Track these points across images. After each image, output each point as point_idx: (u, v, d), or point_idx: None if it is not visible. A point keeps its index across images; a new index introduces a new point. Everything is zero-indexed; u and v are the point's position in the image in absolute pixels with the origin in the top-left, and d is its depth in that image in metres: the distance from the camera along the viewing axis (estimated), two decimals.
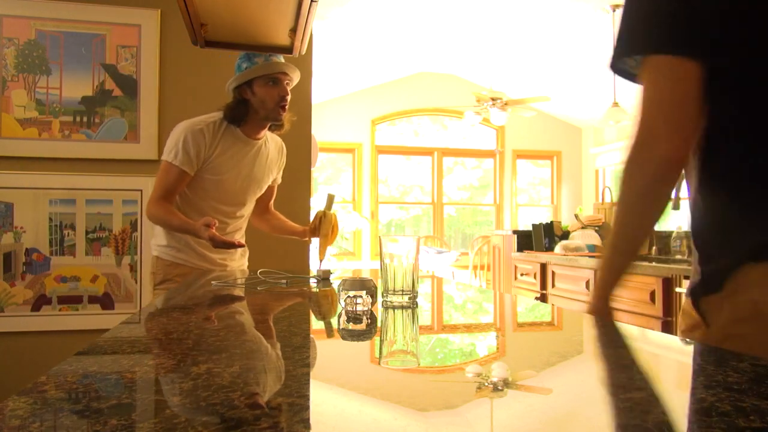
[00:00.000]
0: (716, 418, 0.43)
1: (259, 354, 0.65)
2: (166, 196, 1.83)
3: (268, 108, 1.85)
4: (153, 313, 1.04)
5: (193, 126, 1.83)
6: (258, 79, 1.83)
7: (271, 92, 1.83)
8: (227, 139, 1.88)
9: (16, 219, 2.50)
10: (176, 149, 1.81)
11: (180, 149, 1.80)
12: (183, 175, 1.82)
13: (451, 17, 5.46)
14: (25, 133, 2.50)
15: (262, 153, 1.97)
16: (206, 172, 1.86)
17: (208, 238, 1.71)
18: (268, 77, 1.83)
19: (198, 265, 1.93)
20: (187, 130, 1.82)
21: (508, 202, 7.88)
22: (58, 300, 2.52)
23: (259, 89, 1.84)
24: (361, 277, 1.01)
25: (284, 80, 1.86)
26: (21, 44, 2.51)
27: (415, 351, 0.77)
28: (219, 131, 1.86)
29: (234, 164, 1.90)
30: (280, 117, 1.88)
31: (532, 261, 3.99)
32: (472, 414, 0.48)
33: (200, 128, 1.83)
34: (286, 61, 1.89)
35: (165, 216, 1.81)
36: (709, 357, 0.68)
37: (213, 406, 0.46)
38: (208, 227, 1.70)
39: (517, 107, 6.01)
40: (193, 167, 1.83)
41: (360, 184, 7.40)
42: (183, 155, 1.80)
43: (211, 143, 1.84)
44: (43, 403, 0.47)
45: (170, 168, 1.82)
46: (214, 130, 1.85)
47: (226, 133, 1.88)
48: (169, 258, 1.93)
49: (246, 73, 1.83)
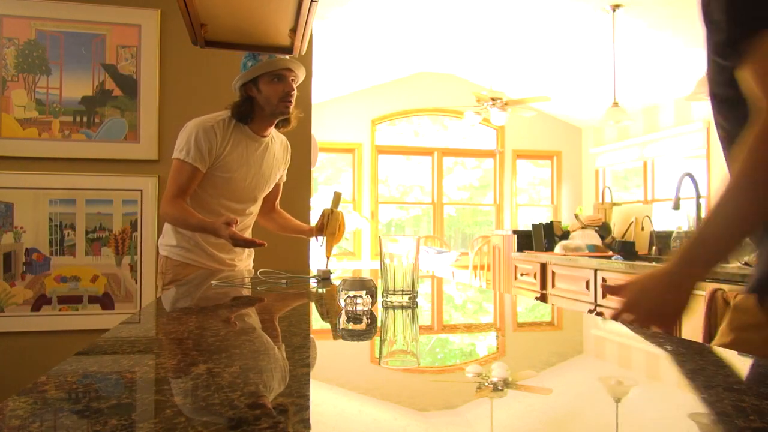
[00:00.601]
0: (716, 418, 0.43)
1: (259, 354, 0.66)
2: (180, 195, 1.83)
3: (273, 104, 1.86)
4: (153, 313, 1.04)
5: (204, 123, 1.85)
6: (263, 76, 1.84)
7: (275, 89, 1.85)
8: (237, 137, 1.89)
9: (16, 219, 2.50)
10: (188, 146, 1.81)
11: (192, 146, 1.81)
12: (196, 172, 1.83)
13: (451, 17, 5.46)
14: (25, 133, 2.50)
15: (269, 150, 1.99)
16: (217, 169, 1.87)
17: (228, 237, 1.71)
18: (272, 74, 1.84)
19: (207, 265, 1.94)
20: (198, 128, 1.83)
21: (508, 202, 7.88)
22: (58, 300, 2.52)
23: (264, 86, 1.85)
24: (361, 277, 1.01)
25: (289, 76, 1.87)
26: (21, 44, 2.51)
27: (415, 351, 0.77)
28: (229, 128, 1.88)
29: (244, 161, 1.91)
30: (287, 111, 1.89)
31: (532, 261, 3.99)
32: (472, 414, 0.48)
33: (211, 125, 1.84)
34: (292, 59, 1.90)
35: (182, 215, 1.82)
36: (709, 357, 0.68)
37: (213, 406, 0.46)
38: (228, 225, 1.71)
39: (517, 107, 6.01)
40: (205, 164, 1.84)
41: (360, 184, 7.40)
42: (195, 152, 1.81)
43: (222, 140, 1.85)
44: (43, 403, 0.47)
45: (183, 166, 1.82)
46: (224, 127, 1.87)
47: (236, 131, 1.89)
48: (178, 258, 1.94)
49: (251, 71, 1.84)
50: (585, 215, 4.17)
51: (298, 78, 1.91)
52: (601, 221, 4.00)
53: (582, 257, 3.42)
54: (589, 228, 3.98)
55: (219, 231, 1.73)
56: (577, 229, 4.04)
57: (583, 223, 4.04)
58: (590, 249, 3.67)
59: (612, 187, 6.25)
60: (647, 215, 3.68)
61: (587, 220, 4.04)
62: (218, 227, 1.73)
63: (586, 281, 3.23)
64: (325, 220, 1.90)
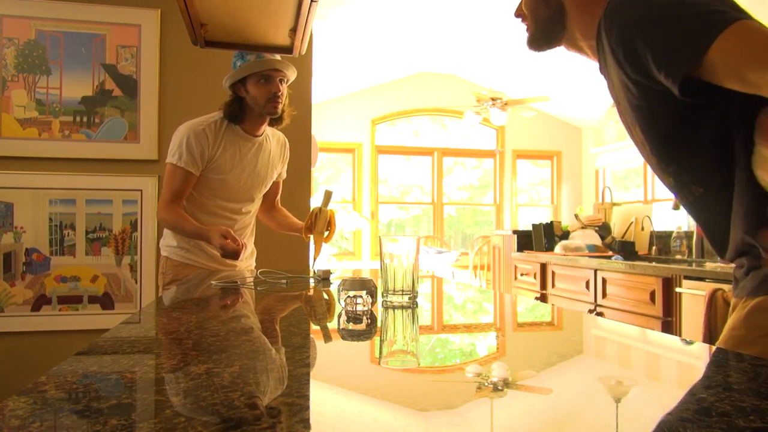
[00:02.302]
0: (716, 418, 0.43)
1: (259, 354, 0.66)
2: (174, 199, 1.85)
3: (261, 105, 1.87)
4: (153, 313, 1.04)
5: (195, 127, 1.85)
6: (251, 77, 1.85)
7: (262, 89, 1.85)
8: (229, 138, 1.90)
9: (16, 219, 2.50)
10: (180, 151, 1.83)
11: (184, 151, 1.82)
12: (189, 176, 1.84)
13: (451, 17, 5.46)
14: (25, 133, 2.50)
15: (264, 149, 1.99)
16: (211, 171, 1.88)
17: (219, 246, 1.73)
18: (259, 75, 1.84)
19: (207, 266, 1.95)
20: (189, 131, 1.84)
21: (508, 202, 7.88)
22: (58, 300, 2.52)
23: (252, 87, 1.86)
24: (361, 277, 1.01)
25: (276, 77, 1.86)
26: (21, 44, 2.51)
27: (415, 351, 0.77)
28: (220, 130, 1.88)
29: (237, 162, 1.91)
30: (275, 112, 1.90)
31: (532, 261, 3.99)
32: (472, 414, 0.48)
33: (202, 128, 1.85)
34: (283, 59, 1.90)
35: (177, 221, 1.84)
36: (709, 357, 0.68)
37: (213, 406, 0.46)
38: (222, 236, 1.72)
39: (517, 107, 6.01)
40: (198, 167, 1.85)
41: (360, 184, 7.40)
42: (187, 156, 1.82)
43: (214, 142, 1.86)
44: (43, 403, 0.47)
45: (175, 170, 1.84)
46: (216, 129, 1.87)
47: (227, 132, 1.90)
48: (178, 258, 1.95)
49: (238, 71, 1.85)
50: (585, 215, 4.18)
51: (288, 78, 1.92)
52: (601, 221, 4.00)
53: (582, 257, 3.42)
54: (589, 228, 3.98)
55: (212, 239, 1.75)
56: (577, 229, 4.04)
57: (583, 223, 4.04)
58: (590, 249, 3.67)
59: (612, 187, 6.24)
60: (647, 215, 3.68)
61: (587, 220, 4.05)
62: (212, 235, 1.75)
63: (586, 281, 3.23)
64: (314, 219, 1.88)
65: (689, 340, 0.84)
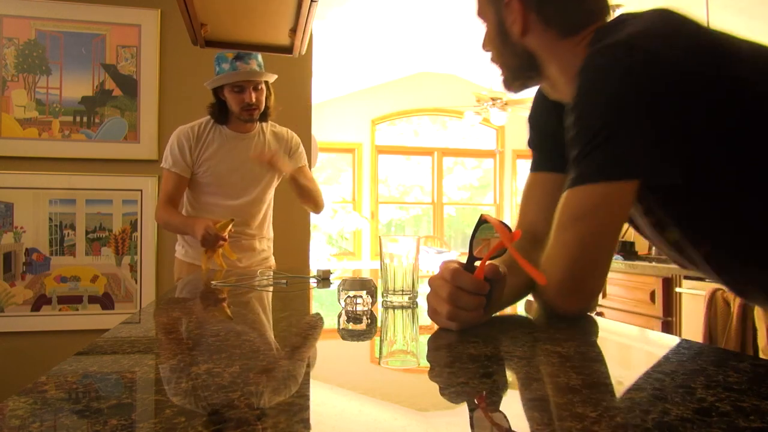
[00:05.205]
0: (716, 418, 0.43)
1: (259, 354, 0.65)
2: (169, 202, 1.94)
3: (236, 112, 1.94)
4: (153, 313, 1.04)
5: (181, 130, 1.96)
6: (226, 84, 1.92)
7: (235, 99, 1.92)
8: (216, 137, 1.97)
9: (16, 219, 2.50)
10: (167, 155, 1.95)
11: (170, 154, 1.94)
12: (179, 178, 1.93)
13: (451, 17, 5.46)
14: (25, 133, 2.50)
15: (257, 144, 2.02)
16: (201, 170, 1.96)
17: (200, 238, 1.79)
18: (233, 84, 1.90)
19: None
20: (176, 135, 1.96)
21: (508, 202, 7.88)
22: (58, 300, 2.52)
23: (227, 94, 1.93)
24: (361, 277, 1.01)
25: (249, 86, 1.90)
26: (21, 44, 2.51)
27: (415, 351, 0.77)
28: (206, 131, 1.96)
29: (224, 157, 1.96)
30: (250, 119, 1.95)
31: None
32: (471, 414, 0.48)
33: (186, 131, 1.95)
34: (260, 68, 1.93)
35: (167, 217, 1.94)
36: (708, 357, 0.68)
37: (213, 406, 0.46)
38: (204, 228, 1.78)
39: (517, 107, 6.00)
40: (186, 169, 1.93)
41: (360, 184, 7.40)
42: (173, 160, 1.93)
43: (197, 143, 1.94)
44: (43, 403, 0.47)
45: (168, 174, 1.95)
46: (200, 130, 1.96)
47: (215, 131, 1.98)
48: (186, 259, 2.04)
49: (213, 81, 1.93)
50: None
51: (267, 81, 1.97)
52: None
53: None
54: None
55: (195, 232, 1.80)
56: None
57: None
58: None
59: None
60: None
61: None
62: (195, 228, 1.80)
63: None
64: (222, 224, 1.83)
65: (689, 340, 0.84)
